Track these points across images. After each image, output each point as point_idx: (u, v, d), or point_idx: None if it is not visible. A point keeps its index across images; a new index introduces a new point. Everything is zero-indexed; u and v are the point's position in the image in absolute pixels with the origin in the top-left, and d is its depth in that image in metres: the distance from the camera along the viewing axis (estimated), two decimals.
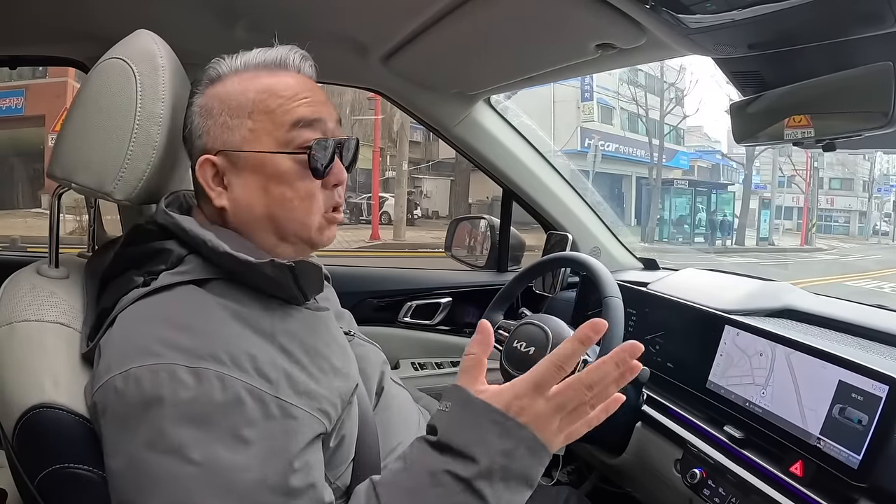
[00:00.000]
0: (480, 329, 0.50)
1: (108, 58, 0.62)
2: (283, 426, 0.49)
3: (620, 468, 1.00)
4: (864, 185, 21.22)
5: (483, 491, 0.45)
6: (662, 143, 16.81)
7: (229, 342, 0.49)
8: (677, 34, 0.68)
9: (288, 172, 0.57)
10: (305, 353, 0.54)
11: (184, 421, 0.46)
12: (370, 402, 0.67)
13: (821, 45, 0.61)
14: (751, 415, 0.82)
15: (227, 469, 0.45)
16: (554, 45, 0.87)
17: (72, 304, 0.62)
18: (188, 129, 0.60)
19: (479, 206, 14.70)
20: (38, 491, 0.52)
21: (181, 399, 0.46)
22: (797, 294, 0.99)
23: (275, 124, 0.57)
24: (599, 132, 16.24)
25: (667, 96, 16.77)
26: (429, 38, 0.90)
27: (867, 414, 0.67)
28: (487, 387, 0.49)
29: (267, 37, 0.74)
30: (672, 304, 1.04)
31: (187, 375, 0.47)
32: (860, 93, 0.62)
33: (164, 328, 0.50)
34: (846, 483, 0.67)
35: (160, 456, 0.45)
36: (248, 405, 0.47)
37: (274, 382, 0.50)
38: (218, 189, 0.58)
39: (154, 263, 0.56)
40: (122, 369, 0.48)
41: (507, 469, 0.46)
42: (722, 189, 17.96)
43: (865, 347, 0.79)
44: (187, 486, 0.44)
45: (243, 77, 0.58)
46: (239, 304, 0.53)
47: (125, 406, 0.47)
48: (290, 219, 0.58)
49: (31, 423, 0.52)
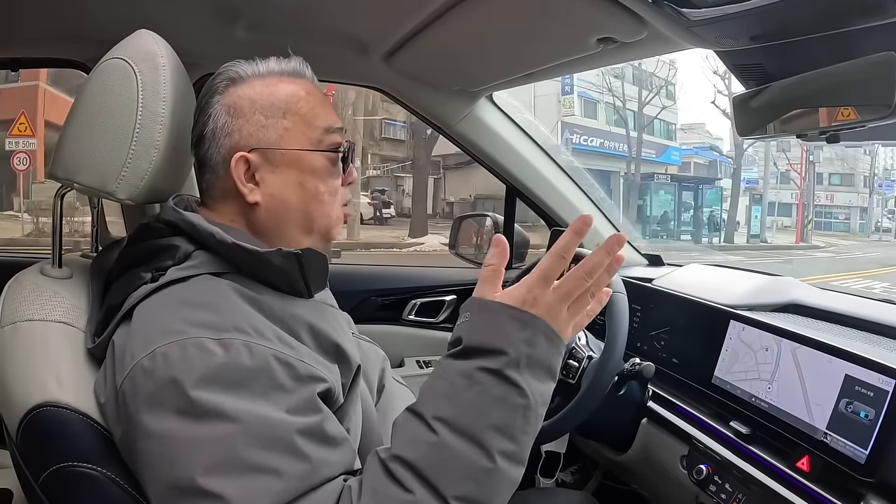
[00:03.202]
0: (497, 242, 0.52)
1: (108, 58, 0.62)
2: (311, 385, 0.51)
3: (626, 465, 1.00)
4: (865, 181, 20.71)
5: (515, 378, 0.48)
6: (641, 136, 16.29)
7: (249, 317, 0.52)
8: (679, 27, 0.67)
9: (320, 169, 0.61)
10: (312, 337, 0.56)
11: (217, 387, 0.47)
12: (372, 400, 0.67)
13: (823, 36, 0.60)
14: (757, 410, 0.81)
15: (265, 421, 0.46)
16: (555, 40, 0.87)
17: (75, 304, 0.62)
18: (210, 127, 0.60)
19: (461, 204, 14.61)
20: (42, 490, 0.52)
21: (211, 367, 0.47)
22: (803, 289, 0.99)
23: (308, 126, 0.60)
24: (583, 127, 15.94)
25: (651, 85, 16.25)
26: (429, 36, 0.90)
27: (874, 408, 0.66)
28: (501, 291, 0.52)
29: (267, 36, 0.75)
30: (677, 300, 1.04)
31: (215, 346, 0.48)
32: (863, 83, 0.62)
33: (184, 310, 0.51)
34: (853, 478, 0.66)
35: (197, 422, 0.46)
36: (277, 369, 0.49)
37: (296, 349, 0.52)
38: (250, 185, 0.59)
39: (161, 259, 0.56)
40: (148, 351, 0.48)
41: (532, 357, 0.49)
42: (710, 184, 17.37)
43: (872, 341, 0.78)
44: (230, 442, 0.45)
45: (267, 81, 0.61)
46: (252, 292, 0.55)
47: (155, 383, 0.47)
48: (322, 212, 0.62)
49: (35, 421, 0.52)
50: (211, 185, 0.62)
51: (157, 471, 0.47)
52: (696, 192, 16.05)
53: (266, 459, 0.45)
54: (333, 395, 0.54)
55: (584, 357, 0.91)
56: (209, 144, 0.60)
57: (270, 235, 0.61)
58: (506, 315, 0.49)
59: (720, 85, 15.16)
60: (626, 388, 0.94)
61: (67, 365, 0.56)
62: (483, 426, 0.47)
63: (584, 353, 0.92)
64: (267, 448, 0.46)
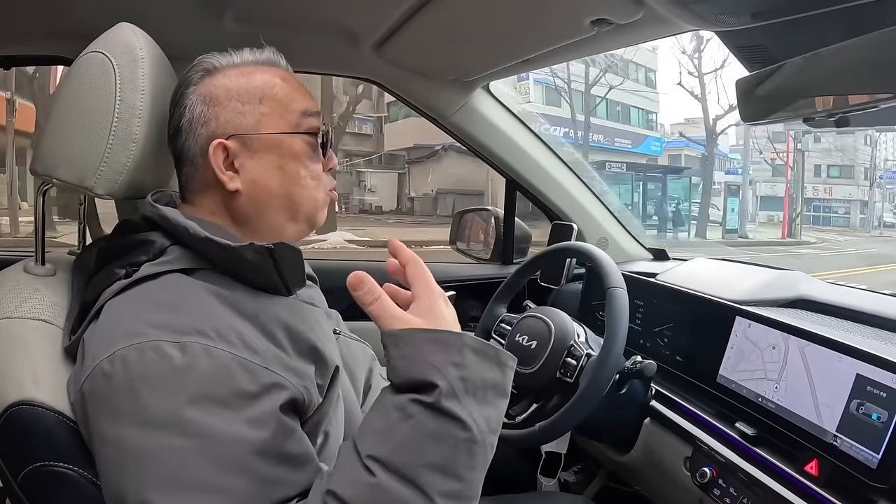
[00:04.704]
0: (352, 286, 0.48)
1: (87, 52, 0.61)
2: (273, 396, 0.48)
3: (629, 466, 0.97)
4: (866, 173, 19.30)
5: (453, 410, 0.44)
6: (588, 119, 15.29)
7: (214, 319, 0.50)
8: (676, 5, 0.64)
9: (301, 152, 0.61)
10: (288, 336, 0.54)
11: (171, 394, 0.45)
12: (357, 400, 0.66)
13: (829, 11, 0.57)
14: (763, 411, 0.78)
15: (218, 439, 0.44)
16: (547, 24, 0.84)
17: (56, 301, 0.61)
18: (186, 118, 0.59)
19: (422, 199, 14.38)
20: (20, 489, 0.52)
21: (168, 372, 0.46)
22: (812, 283, 0.95)
23: (285, 110, 0.60)
24: (545, 115, 14.65)
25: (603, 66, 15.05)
26: (420, 23, 0.88)
27: (887, 410, 0.63)
28: (402, 313, 0.49)
29: (256, 28, 0.73)
30: (681, 296, 1.01)
31: (173, 350, 0.46)
32: (874, 61, 0.58)
33: (148, 311, 0.50)
34: (864, 483, 0.63)
35: (150, 432, 0.44)
36: (236, 374, 0.47)
37: (261, 354, 0.50)
38: (229, 173, 0.59)
39: (136, 255, 0.56)
40: (108, 353, 0.47)
41: (466, 380, 0.45)
42: (677, 174, 16.12)
43: (885, 339, 0.74)
44: (180, 459, 0.44)
45: (242, 70, 0.61)
46: (225, 290, 0.53)
47: (113, 387, 0.46)
48: (305, 196, 0.61)
49: (12, 420, 0.51)
50: (190, 177, 0.61)
51: (108, 476, 0.46)
52: (663, 184, 14.85)
53: (216, 478, 0.44)
54: (303, 401, 0.52)
55: (582, 355, 0.89)
56: (186, 136, 0.60)
57: (253, 224, 0.60)
58: (423, 341, 0.46)
59: (689, 66, 14.57)
60: (627, 387, 0.91)
61: (45, 363, 0.55)
62: (420, 466, 0.43)
63: (582, 351, 0.89)
64: (219, 466, 0.44)
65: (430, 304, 0.49)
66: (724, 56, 13.55)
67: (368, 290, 0.48)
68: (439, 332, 0.46)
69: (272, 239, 0.56)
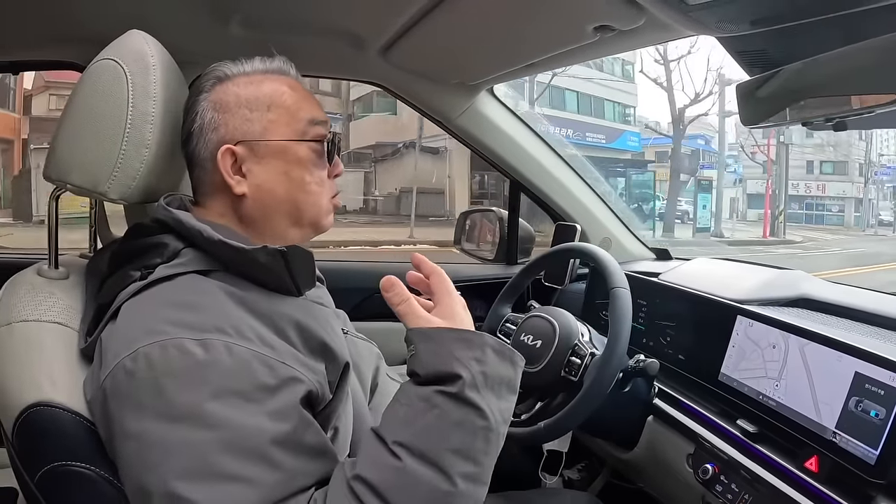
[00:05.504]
0: (385, 287, 0.55)
1: (99, 59, 0.62)
2: (292, 389, 0.51)
3: (632, 463, 0.99)
4: (861, 169, 18.55)
5: (475, 400, 0.49)
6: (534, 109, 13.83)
7: (231, 318, 0.52)
8: (677, 12, 0.65)
9: (306, 159, 0.62)
10: (299, 334, 0.56)
11: (194, 389, 0.47)
12: (365, 398, 0.67)
13: (828, 18, 0.57)
14: (764, 408, 0.79)
15: (241, 428, 0.46)
16: (551, 30, 0.85)
17: (70, 304, 0.62)
18: (197, 124, 0.61)
19: (387, 199, 14.06)
20: (38, 489, 0.53)
21: (192, 368, 0.47)
22: (813, 283, 0.96)
23: (292, 118, 0.62)
24: None
25: None
26: (425, 28, 0.89)
27: (885, 407, 0.64)
28: (427, 314, 0.54)
29: (263, 32, 0.75)
30: (683, 295, 1.02)
31: (195, 347, 0.48)
32: (872, 67, 0.59)
33: (168, 310, 0.51)
34: (863, 479, 0.64)
35: (174, 425, 0.46)
36: (257, 370, 0.49)
37: (278, 350, 0.52)
38: (237, 178, 0.60)
39: (150, 257, 0.57)
40: (130, 351, 0.49)
41: (486, 375, 0.50)
42: (639, 168, 15.27)
43: (884, 337, 0.75)
44: (204, 450, 0.45)
45: (252, 78, 0.62)
46: (239, 290, 0.55)
47: (136, 384, 0.48)
48: (310, 202, 0.63)
49: (29, 421, 0.53)
50: (200, 181, 0.63)
51: (132, 471, 0.47)
52: (627, 179, 14.18)
53: (239, 468, 0.45)
54: (317, 395, 0.54)
55: (586, 354, 0.90)
56: (197, 140, 0.61)
57: (259, 227, 0.62)
58: (449, 338, 0.51)
59: (655, 54, 13.78)
60: (631, 386, 0.92)
61: (61, 365, 0.56)
62: (443, 450, 0.47)
63: (586, 350, 0.90)
64: (241, 456, 0.46)
65: (451, 309, 0.55)
66: (690, 42, 12.81)
67: (398, 292, 0.54)
68: (464, 331, 0.52)
69: (277, 242, 0.58)
